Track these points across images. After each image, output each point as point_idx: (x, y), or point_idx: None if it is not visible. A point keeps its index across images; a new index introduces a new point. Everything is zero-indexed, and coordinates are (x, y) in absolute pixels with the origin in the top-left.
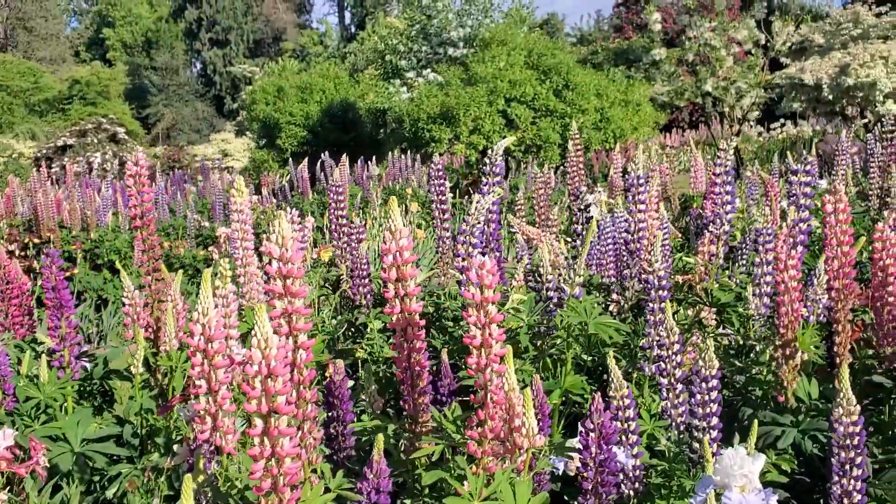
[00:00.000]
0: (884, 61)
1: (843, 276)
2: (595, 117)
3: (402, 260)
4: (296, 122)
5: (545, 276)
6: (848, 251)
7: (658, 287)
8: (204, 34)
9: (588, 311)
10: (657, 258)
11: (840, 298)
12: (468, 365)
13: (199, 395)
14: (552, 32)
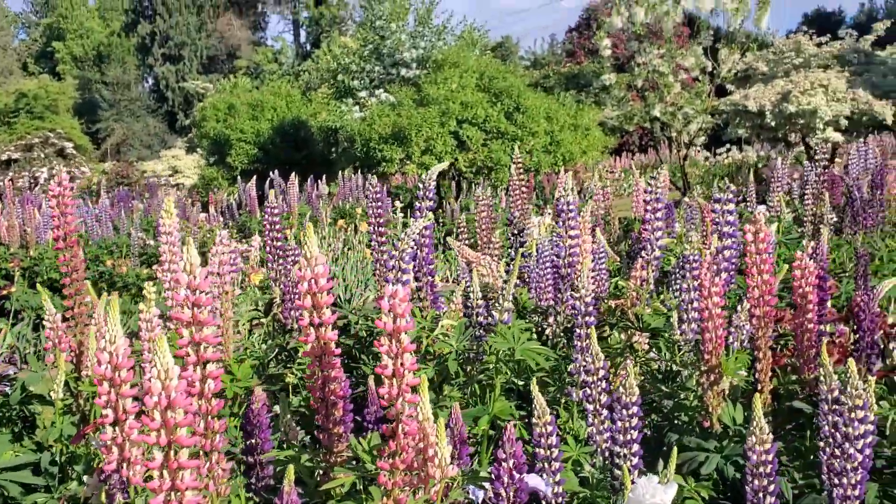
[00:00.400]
0: (824, 89)
1: (764, 304)
2: (545, 140)
3: (317, 287)
4: (246, 140)
5: (474, 300)
6: (768, 279)
7: (584, 313)
8: (157, 49)
9: (516, 336)
10: (583, 284)
11: (760, 326)
12: (380, 395)
13: (106, 424)
14: (506, 56)
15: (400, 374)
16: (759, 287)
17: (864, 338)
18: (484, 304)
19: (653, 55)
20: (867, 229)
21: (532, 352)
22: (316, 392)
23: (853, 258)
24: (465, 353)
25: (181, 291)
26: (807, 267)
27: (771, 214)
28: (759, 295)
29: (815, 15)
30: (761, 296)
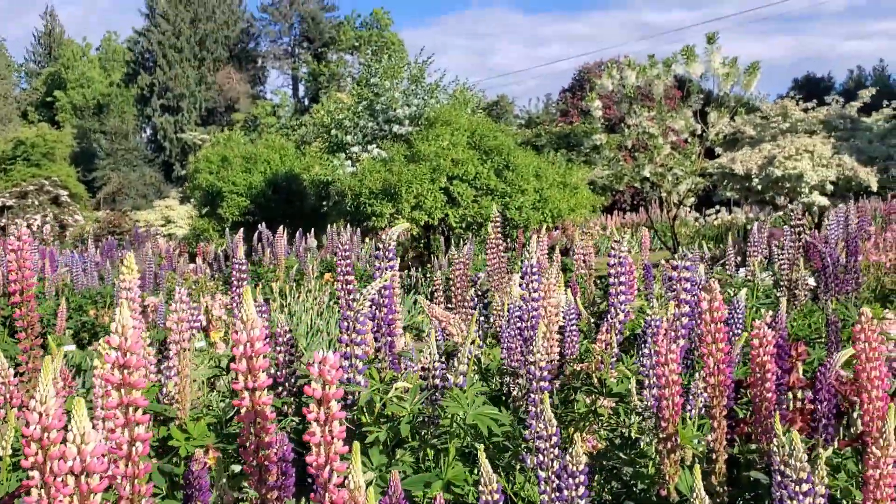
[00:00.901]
0: (809, 155)
1: (719, 373)
2: (534, 198)
3: (252, 351)
4: (238, 192)
5: (431, 362)
6: (723, 347)
7: (538, 377)
8: (156, 100)
9: (470, 400)
10: (538, 348)
11: (715, 395)
12: (307, 463)
13: (32, 487)
14: (501, 114)
15: (328, 441)
16: (714, 355)
17: (820, 407)
18: (440, 367)
19: (643, 117)
20: (840, 295)
21: (485, 416)
22: (249, 456)
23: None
24: (420, 417)
25: (112, 353)
26: (765, 335)
27: (746, 279)
28: (714, 363)
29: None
30: (716, 364)
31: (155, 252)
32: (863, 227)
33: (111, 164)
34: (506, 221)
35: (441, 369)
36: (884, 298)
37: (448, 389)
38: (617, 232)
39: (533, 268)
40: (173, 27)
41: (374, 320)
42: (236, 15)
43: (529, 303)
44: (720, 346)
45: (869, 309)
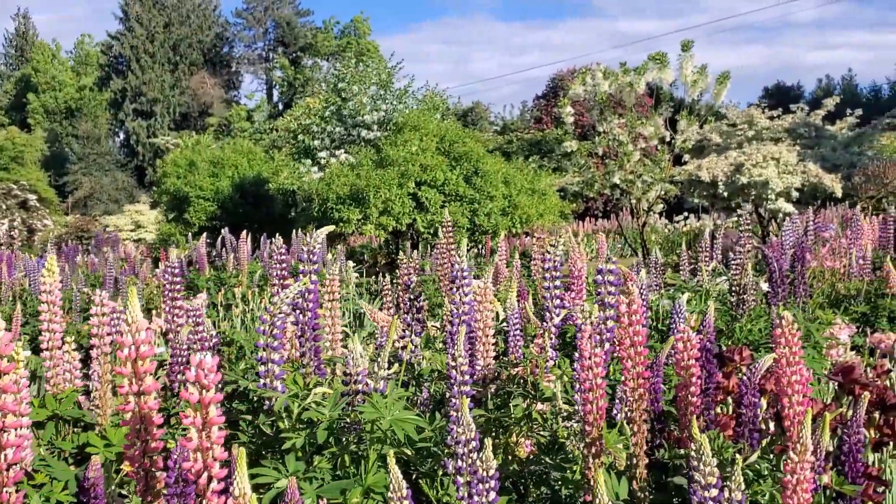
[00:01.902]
0: (775, 162)
1: (637, 377)
2: (503, 204)
3: (137, 354)
4: (205, 197)
5: (354, 367)
6: (642, 351)
7: (459, 382)
8: (128, 105)
9: (389, 406)
10: (459, 353)
11: (634, 399)
12: (185, 469)
13: None
14: (476, 120)
15: (205, 447)
16: (633, 359)
17: (745, 413)
18: (362, 372)
19: (613, 124)
20: (789, 301)
21: (404, 422)
22: (134, 462)
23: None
24: (341, 423)
25: None
26: (689, 339)
27: (695, 284)
28: (633, 366)
29: (775, 89)
30: (634, 367)
31: (118, 257)
32: (819, 233)
33: (83, 169)
34: (475, 227)
35: (363, 374)
36: (837, 304)
37: (368, 395)
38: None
39: (463, 272)
40: (147, 31)
41: (298, 325)
42: (210, 19)
43: (460, 307)
44: (638, 350)
45: (791, 314)
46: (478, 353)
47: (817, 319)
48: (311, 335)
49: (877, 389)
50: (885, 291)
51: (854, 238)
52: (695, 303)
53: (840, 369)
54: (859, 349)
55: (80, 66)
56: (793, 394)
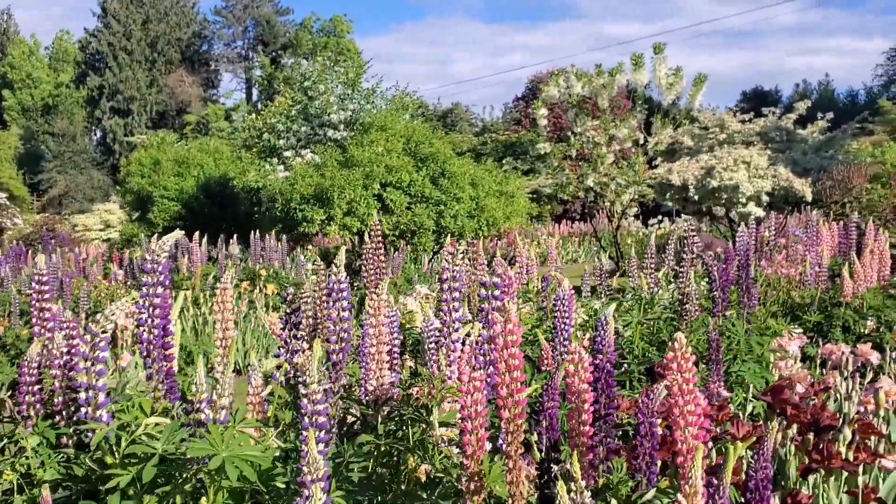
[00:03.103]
0: (746, 166)
1: (513, 404)
2: (470, 206)
3: None
4: (170, 197)
5: (197, 395)
6: (518, 377)
7: (311, 412)
8: (105, 102)
9: (227, 440)
10: (312, 377)
11: (509, 430)
12: None
13: None
14: (456, 121)
15: None
16: (508, 385)
17: (643, 443)
18: (205, 399)
19: (587, 126)
20: (731, 311)
21: (239, 459)
22: None
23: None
24: (174, 457)
25: None
26: (581, 361)
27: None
28: (508, 394)
29: (753, 93)
30: (510, 395)
31: (77, 258)
32: (776, 239)
33: (58, 167)
34: (440, 230)
35: (206, 402)
36: (791, 313)
37: (202, 424)
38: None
39: (341, 283)
40: (124, 28)
41: (144, 343)
42: (189, 17)
43: (338, 323)
44: (515, 375)
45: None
46: (371, 372)
47: (769, 329)
48: (160, 354)
49: (811, 410)
50: (840, 300)
51: (810, 244)
52: (634, 313)
53: (769, 389)
54: (812, 360)
55: (58, 63)
56: (686, 426)
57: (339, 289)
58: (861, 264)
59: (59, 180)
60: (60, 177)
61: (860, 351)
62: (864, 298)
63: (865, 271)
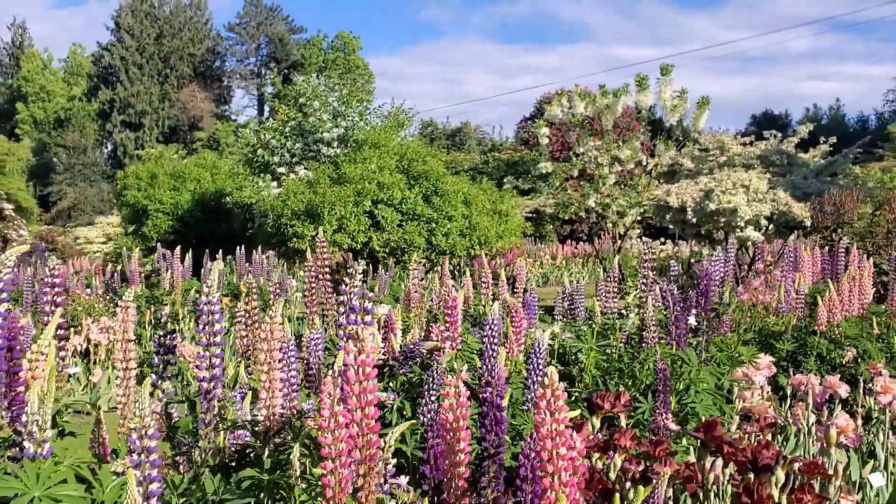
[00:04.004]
0: (745, 189)
1: (368, 445)
2: (462, 224)
3: None
4: (164, 211)
5: (29, 421)
6: (372, 413)
7: (139, 450)
8: (116, 116)
9: (42, 477)
10: (143, 410)
11: (360, 474)
12: None
13: None
14: (464, 140)
15: None
16: (359, 423)
17: (521, 490)
18: (35, 429)
19: (590, 146)
20: (682, 339)
21: (49, 499)
22: None
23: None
24: None
25: None
26: (458, 394)
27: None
28: (360, 433)
29: (763, 117)
30: (361, 434)
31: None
32: (753, 264)
33: (68, 180)
34: (431, 248)
35: (34, 433)
36: (765, 341)
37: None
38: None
39: (211, 304)
40: (138, 43)
41: None
42: (203, 33)
43: (210, 348)
44: (368, 412)
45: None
46: (260, 400)
47: (738, 357)
48: (4, 379)
49: (751, 448)
50: (815, 328)
51: (787, 270)
52: (588, 339)
53: (702, 425)
54: (784, 391)
55: (72, 77)
56: (556, 472)
57: (210, 311)
58: (838, 291)
59: (68, 192)
60: (70, 189)
61: (828, 383)
62: (842, 327)
63: (843, 299)
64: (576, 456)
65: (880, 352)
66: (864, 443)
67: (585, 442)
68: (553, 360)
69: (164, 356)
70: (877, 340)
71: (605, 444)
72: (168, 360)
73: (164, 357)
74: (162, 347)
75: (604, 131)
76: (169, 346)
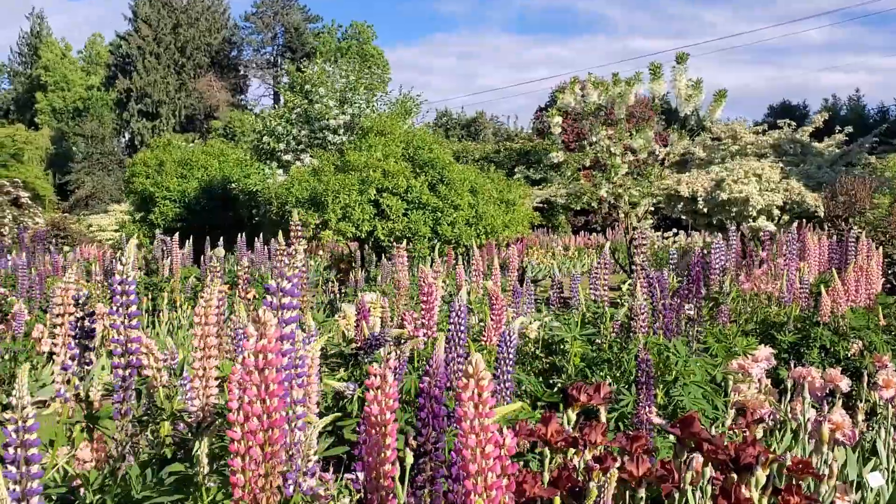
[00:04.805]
0: (757, 178)
1: (269, 442)
2: (468, 213)
3: None
4: (171, 198)
5: None
6: (275, 406)
7: (15, 444)
8: (134, 105)
9: None
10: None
11: (262, 474)
12: None
13: None
14: (479, 130)
15: None
16: (259, 416)
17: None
18: None
19: (602, 135)
20: (667, 329)
21: None
22: None
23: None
24: None
25: None
26: (381, 385)
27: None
28: (260, 427)
29: (781, 108)
30: (261, 430)
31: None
32: (755, 253)
33: (86, 168)
34: (437, 237)
35: None
36: (766, 332)
37: None
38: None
39: (125, 283)
40: (154, 32)
41: None
42: (219, 23)
43: (128, 332)
44: (268, 404)
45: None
46: (194, 389)
47: (733, 348)
48: None
49: (734, 446)
50: (819, 319)
51: (790, 258)
52: (572, 327)
53: (678, 421)
54: (784, 385)
55: (91, 66)
56: (480, 473)
57: (125, 290)
58: (843, 281)
59: (86, 181)
60: (88, 178)
61: (828, 376)
62: (847, 318)
63: (849, 289)
64: (504, 455)
65: (886, 344)
66: (866, 440)
67: (556, 437)
68: (538, 350)
69: (82, 340)
70: (884, 332)
71: (574, 440)
72: (87, 345)
73: (82, 342)
74: (80, 331)
75: (617, 120)
76: (88, 329)
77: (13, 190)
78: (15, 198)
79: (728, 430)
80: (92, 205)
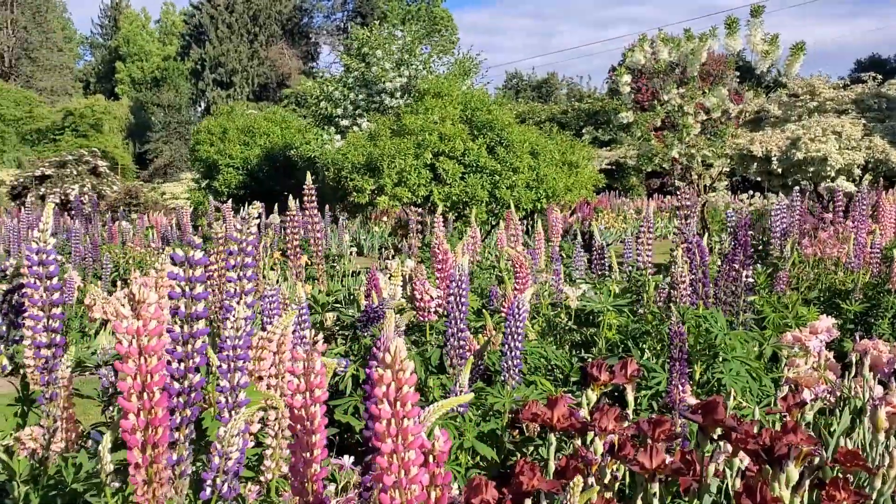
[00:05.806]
0: (836, 136)
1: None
2: (529, 176)
3: None
4: (234, 165)
5: None
6: (157, 400)
7: None
8: (208, 74)
9: None
10: None
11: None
12: None
13: None
14: (551, 91)
15: None
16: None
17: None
18: None
19: (673, 94)
20: (706, 298)
21: None
22: None
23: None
24: None
25: None
26: (310, 370)
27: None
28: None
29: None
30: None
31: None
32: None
33: (164, 138)
34: (495, 201)
35: None
36: (829, 301)
37: None
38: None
39: (43, 253)
40: (226, 1)
41: None
42: None
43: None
44: (153, 395)
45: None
46: None
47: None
48: None
49: (768, 433)
50: (891, 287)
51: (860, 220)
52: (602, 297)
53: (699, 406)
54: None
55: (166, 37)
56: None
57: (42, 261)
58: None
59: (164, 150)
60: (166, 147)
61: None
62: None
63: None
64: (433, 463)
65: None
66: None
67: (562, 422)
68: (571, 323)
69: (9, 315)
70: None
71: (583, 425)
72: (14, 320)
73: (9, 317)
74: (6, 305)
75: (690, 78)
76: (17, 304)
77: (92, 159)
78: (94, 167)
79: (768, 413)
80: (170, 173)
